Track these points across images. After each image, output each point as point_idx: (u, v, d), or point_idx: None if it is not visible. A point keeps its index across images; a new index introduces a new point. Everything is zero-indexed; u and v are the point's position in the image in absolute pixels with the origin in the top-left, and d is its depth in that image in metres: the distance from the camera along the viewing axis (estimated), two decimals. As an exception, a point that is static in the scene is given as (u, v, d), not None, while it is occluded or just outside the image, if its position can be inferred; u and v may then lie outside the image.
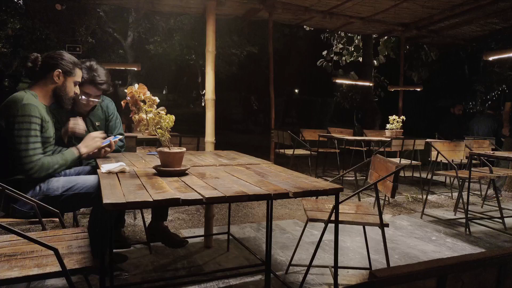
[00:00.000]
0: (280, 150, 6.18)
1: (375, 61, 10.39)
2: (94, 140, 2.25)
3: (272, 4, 4.95)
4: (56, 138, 2.27)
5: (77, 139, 2.58)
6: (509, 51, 5.28)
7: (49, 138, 2.11)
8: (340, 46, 10.75)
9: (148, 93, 1.83)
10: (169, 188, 1.57)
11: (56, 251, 1.35)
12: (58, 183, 2.03)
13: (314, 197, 2.75)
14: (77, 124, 2.41)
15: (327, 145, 7.29)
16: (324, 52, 10.99)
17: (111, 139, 2.34)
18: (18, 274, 1.37)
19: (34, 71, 2.10)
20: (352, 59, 10.76)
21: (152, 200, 1.40)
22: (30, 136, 1.94)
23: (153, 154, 2.61)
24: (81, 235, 1.77)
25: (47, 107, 2.13)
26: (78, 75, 2.23)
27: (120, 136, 2.51)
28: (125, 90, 1.85)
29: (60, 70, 2.11)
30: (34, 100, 2.01)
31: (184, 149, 1.86)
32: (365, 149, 6.42)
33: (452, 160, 4.20)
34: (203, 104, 19.84)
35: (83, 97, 2.43)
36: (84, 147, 2.21)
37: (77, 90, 2.25)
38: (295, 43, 19.40)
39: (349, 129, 7.42)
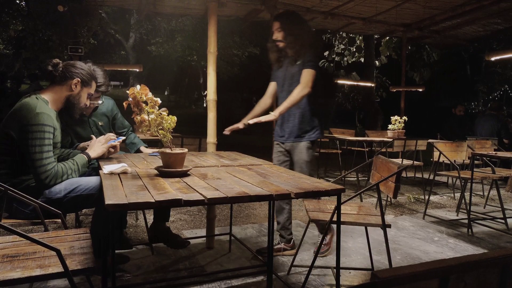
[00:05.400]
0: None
1: (376, 62, 10.40)
2: (101, 144, 2.28)
3: (274, 5, 4.95)
4: (62, 140, 2.28)
5: (79, 139, 2.59)
6: (511, 51, 5.27)
7: (57, 143, 2.14)
8: (342, 46, 10.76)
9: (150, 94, 1.83)
10: (171, 189, 1.57)
11: (58, 252, 1.35)
12: (60, 186, 2.03)
13: (316, 198, 2.75)
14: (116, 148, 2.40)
15: (329, 146, 7.29)
16: (326, 53, 11.00)
17: (115, 140, 2.35)
18: (21, 275, 1.37)
19: (52, 76, 2.13)
20: (353, 59, 10.77)
21: (154, 201, 1.40)
22: (44, 145, 1.96)
23: (155, 155, 2.62)
24: (83, 236, 1.77)
25: (57, 113, 2.15)
26: (93, 87, 2.28)
27: (123, 138, 2.52)
28: (127, 91, 1.86)
29: (79, 79, 2.16)
30: (47, 108, 2.03)
31: (186, 150, 1.86)
32: (367, 149, 6.41)
33: (454, 161, 4.19)
34: (204, 105, 19.88)
35: None
36: (92, 152, 2.25)
37: (87, 102, 2.28)
38: (296, 44, 19.34)
39: (351, 130, 7.42)
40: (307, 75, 2.73)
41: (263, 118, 2.63)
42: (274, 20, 2.86)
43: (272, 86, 3.08)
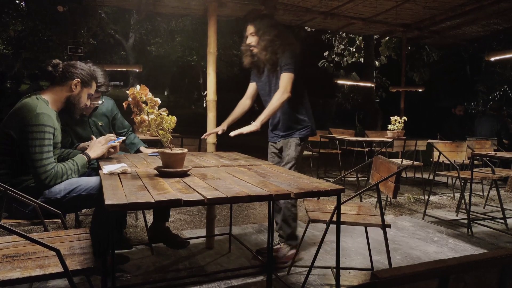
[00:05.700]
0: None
1: (376, 62, 10.40)
2: (101, 145, 2.28)
3: (273, 5, 4.95)
4: (62, 141, 2.28)
5: (79, 139, 2.59)
6: (511, 51, 5.28)
7: (57, 143, 2.14)
8: (342, 47, 10.75)
9: (149, 94, 1.83)
10: (171, 189, 1.58)
11: (58, 252, 1.35)
12: (60, 186, 2.04)
13: (316, 198, 2.75)
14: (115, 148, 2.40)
15: (329, 146, 7.28)
16: (326, 53, 11.00)
17: (115, 140, 2.35)
18: (21, 275, 1.37)
19: (52, 76, 2.13)
20: (353, 60, 10.77)
21: (153, 201, 1.40)
22: (44, 146, 1.96)
23: (155, 155, 2.62)
24: (83, 236, 1.77)
25: (57, 113, 2.15)
26: (93, 88, 2.29)
27: (123, 138, 2.52)
28: (127, 91, 1.86)
29: (79, 79, 2.16)
30: (47, 109, 2.03)
31: (185, 150, 1.86)
32: (367, 150, 6.41)
33: (454, 161, 4.19)
34: (204, 105, 19.89)
35: None
36: (92, 152, 2.25)
37: (88, 102, 2.29)
38: (296, 44, 19.36)
39: (350, 130, 7.42)
40: (284, 79, 2.65)
41: (245, 130, 2.53)
42: (248, 24, 2.76)
43: (252, 87, 3.04)
